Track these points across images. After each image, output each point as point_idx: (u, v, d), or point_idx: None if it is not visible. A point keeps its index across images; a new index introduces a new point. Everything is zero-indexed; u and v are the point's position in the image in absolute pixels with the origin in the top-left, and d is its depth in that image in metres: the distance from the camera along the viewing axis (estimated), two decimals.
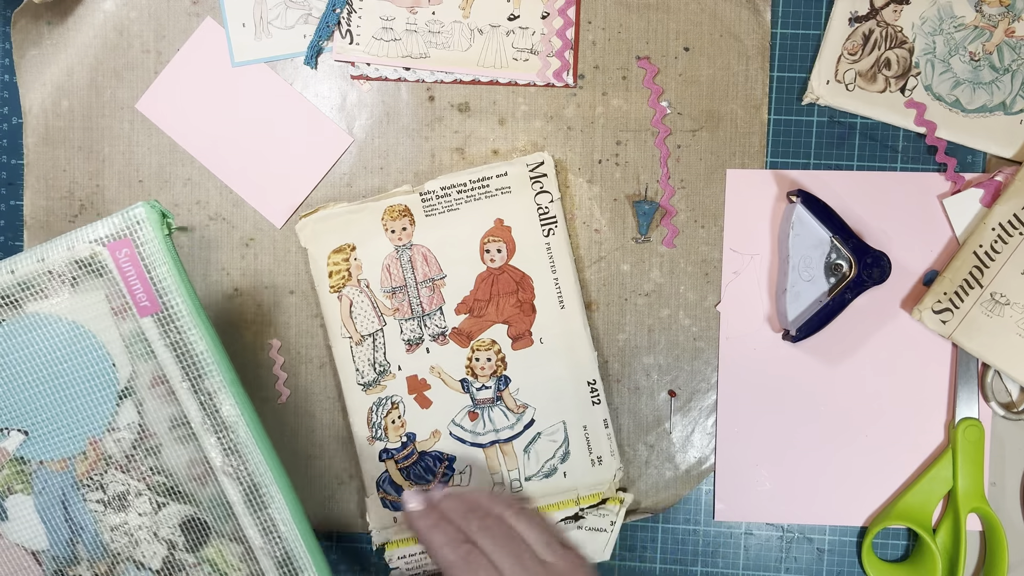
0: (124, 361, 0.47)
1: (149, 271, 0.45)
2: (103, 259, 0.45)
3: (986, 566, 0.58)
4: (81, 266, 0.45)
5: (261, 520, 0.49)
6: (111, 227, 0.45)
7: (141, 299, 0.45)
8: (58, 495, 0.49)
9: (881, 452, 0.59)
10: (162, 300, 0.46)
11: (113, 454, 0.49)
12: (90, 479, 0.49)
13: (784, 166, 0.59)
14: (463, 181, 0.58)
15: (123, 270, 0.45)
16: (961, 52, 0.57)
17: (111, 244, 0.45)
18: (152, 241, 0.45)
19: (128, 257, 0.45)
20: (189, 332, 0.46)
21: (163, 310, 0.46)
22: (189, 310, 0.46)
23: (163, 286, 0.45)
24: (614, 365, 0.60)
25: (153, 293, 0.45)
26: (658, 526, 0.61)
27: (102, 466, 0.49)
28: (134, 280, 0.45)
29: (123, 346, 0.47)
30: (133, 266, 0.45)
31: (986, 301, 0.56)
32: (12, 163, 0.61)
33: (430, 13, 0.58)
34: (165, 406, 0.48)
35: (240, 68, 0.59)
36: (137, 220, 0.45)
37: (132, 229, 0.45)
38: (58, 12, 0.59)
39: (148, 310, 0.46)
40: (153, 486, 0.49)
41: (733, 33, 0.58)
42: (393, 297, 0.58)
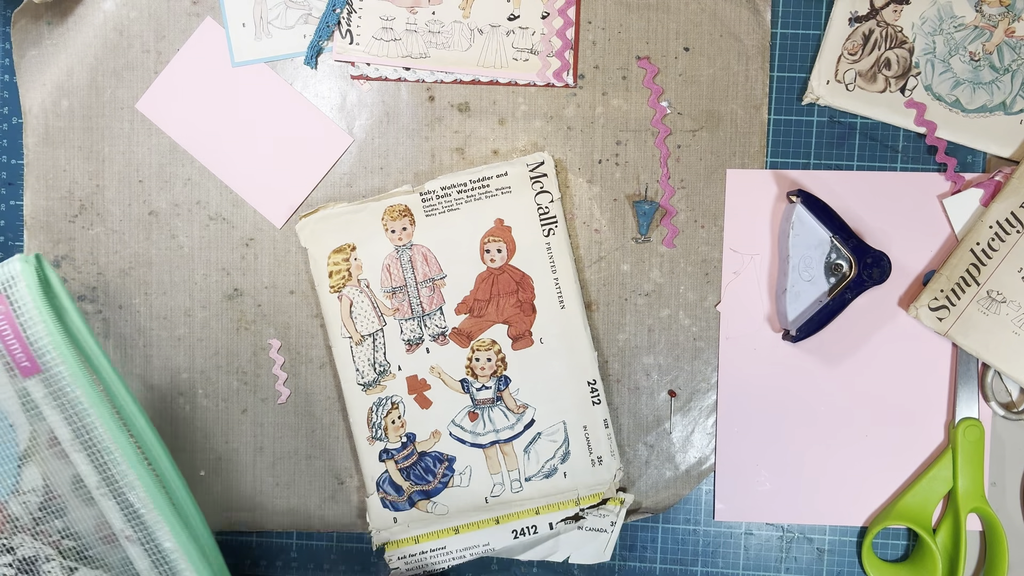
0: (22, 421, 0.44)
1: (25, 330, 0.42)
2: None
3: (986, 566, 0.58)
4: None
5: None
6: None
7: (21, 359, 0.43)
8: None
9: (881, 452, 0.59)
10: (41, 360, 0.42)
11: (20, 516, 0.46)
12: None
13: (784, 166, 0.59)
14: (463, 181, 0.58)
15: (1, 332, 0.42)
16: (961, 52, 0.57)
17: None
18: (26, 300, 0.42)
19: (4, 315, 0.42)
20: (72, 393, 0.43)
21: (44, 370, 0.43)
22: (71, 371, 0.43)
23: (40, 346, 0.42)
24: (614, 365, 0.60)
25: (31, 353, 0.42)
26: (658, 526, 0.61)
27: (9, 529, 0.46)
28: (11, 340, 0.42)
29: (19, 405, 0.44)
30: (9, 325, 0.42)
31: (983, 299, 0.56)
32: (12, 163, 0.61)
33: (430, 13, 0.58)
34: (66, 467, 0.45)
35: (240, 68, 0.59)
36: (11, 276, 0.42)
37: (6, 286, 0.42)
38: (58, 12, 0.59)
39: (29, 371, 0.43)
40: (64, 551, 0.46)
41: (733, 33, 0.58)
42: (393, 297, 0.58)
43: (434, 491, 0.59)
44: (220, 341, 0.60)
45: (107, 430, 0.44)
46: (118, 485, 0.44)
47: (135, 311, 0.60)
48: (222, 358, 0.60)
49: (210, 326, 0.60)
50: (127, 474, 0.44)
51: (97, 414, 0.43)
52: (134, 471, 0.44)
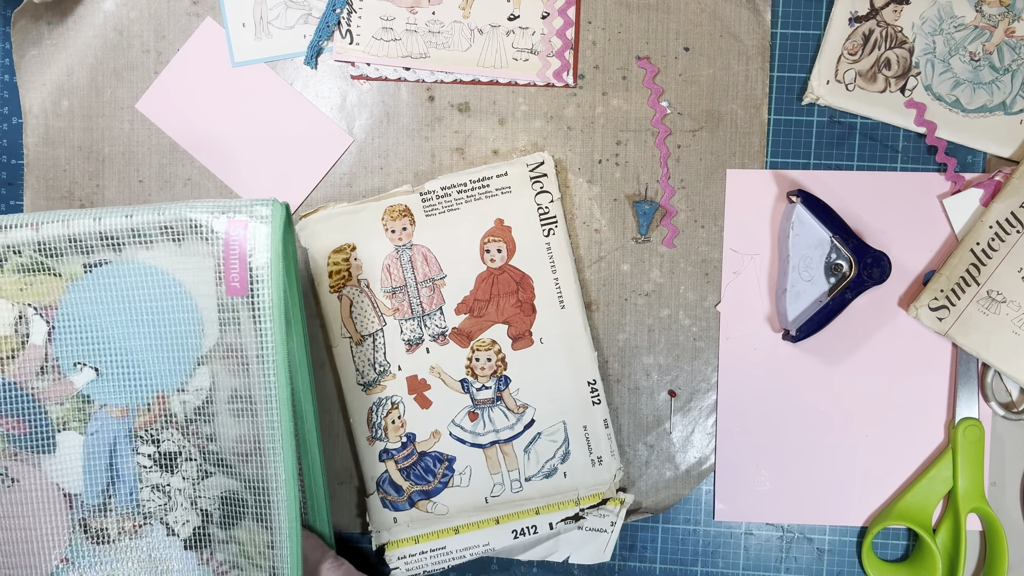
0: (213, 329, 0.48)
1: (251, 255, 0.46)
2: (217, 228, 0.47)
3: (986, 566, 0.58)
4: (192, 227, 0.47)
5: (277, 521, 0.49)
6: (237, 207, 0.47)
7: (233, 279, 0.47)
8: (108, 441, 0.49)
9: (881, 452, 0.59)
10: (252, 287, 0.46)
11: (176, 413, 0.49)
12: (146, 432, 0.49)
13: (784, 166, 0.59)
14: (463, 181, 0.58)
15: (229, 246, 0.46)
16: (961, 52, 0.57)
17: (231, 220, 0.46)
18: (263, 232, 0.46)
19: (238, 238, 0.46)
20: (264, 326, 0.47)
21: (248, 295, 0.47)
22: (271, 301, 0.46)
23: (256, 274, 0.46)
24: (614, 365, 0.60)
25: (246, 277, 0.46)
26: (658, 526, 0.61)
27: (161, 423, 0.49)
28: (234, 259, 0.47)
29: (215, 314, 0.48)
30: (239, 246, 0.46)
31: (983, 299, 0.56)
32: (12, 163, 0.61)
33: (430, 13, 0.58)
34: (230, 379, 0.48)
35: (240, 68, 0.59)
36: (264, 213, 0.47)
37: (254, 215, 0.46)
38: (58, 12, 0.59)
39: (236, 291, 0.47)
40: (205, 453, 0.49)
41: (733, 33, 0.58)
42: (393, 297, 0.58)
43: (434, 491, 0.59)
44: None
45: (277, 375, 0.47)
46: (266, 417, 0.48)
47: None
48: None
49: None
50: (272, 416, 0.47)
51: (275, 354, 0.47)
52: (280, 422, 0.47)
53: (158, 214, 0.47)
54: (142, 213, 0.47)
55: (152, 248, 0.48)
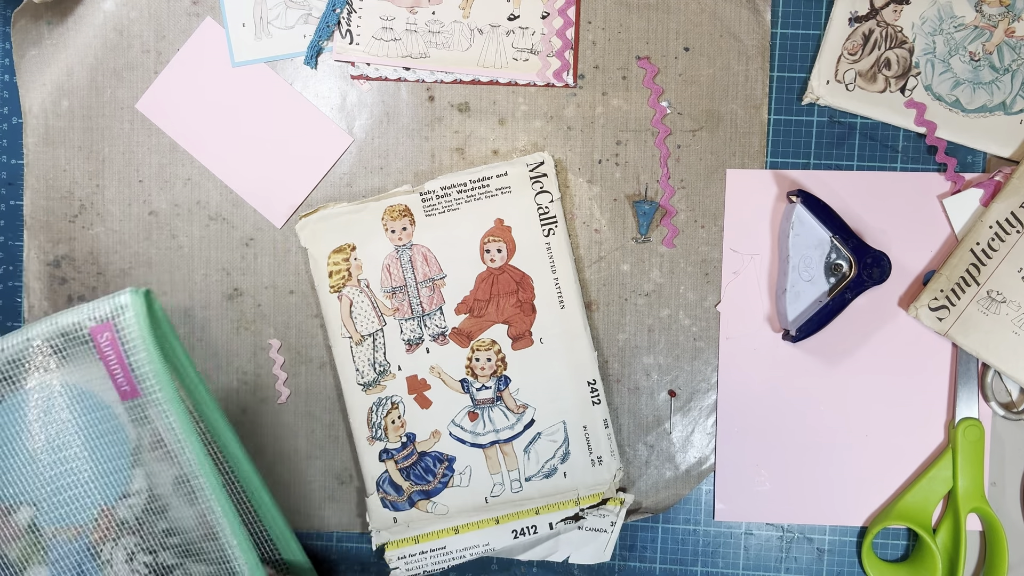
0: (130, 428, 0.47)
1: (128, 357, 0.44)
2: (87, 336, 0.45)
3: (986, 566, 0.58)
4: (69, 339, 0.45)
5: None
6: (96, 311, 0.45)
7: (122, 384, 0.45)
8: (74, 564, 0.48)
9: (881, 452, 0.59)
10: (140, 387, 0.45)
11: (126, 519, 0.48)
12: (103, 545, 0.48)
13: (784, 166, 0.59)
14: (463, 181, 0.58)
15: (104, 353, 0.45)
16: (961, 52, 0.57)
17: (94, 328, 0.44)
18: (132, 329, 0.44)
19: (110, 342, 0.44)
20: (167, 419, 0.46)
21: (143, 395, 0.45)
22: (167, 398, 0.45)
23: (140, 374, 0.45)
24: (614, 365, 0.60)
25: (132, 379, 0.45)
26: (658, 526, 0.61)
27: (115, 533, 0.48)
28: (115, 365, 0.45)
29: (126, 415, 0.47)
30: (114, 351, 0.44)
31: (983, 299, 0.56)
32: (12, 163, 0.61)
33: (430, 13, 0.58)
34: (169, 467, 0.48)
35: (240, 68, 0.59)
36: (121, 306, 0.45)
37: (115, 314, 0.44)
38: (58, 12, 0.59)
39: (128, 395, 0.45)
40: (167, 547, 0.49)
41: (733, 33, 0.58)
42: (393, 297, 0.58)
43: (434, 491, 0.59)
44: (220, 341, 0.60)
45: (195, 457, 0.47)
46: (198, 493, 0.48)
47: None
48: (222, 358, 0.60)
49: (210, 326, 0.60)
50: (207, 496, 0.47)
51: (187, 442, 0.46)
52: (213, 495, 0.47)
53: (25, 339, 0.45)
54: (11, 344, 0.45)
55: (49, 370, 0.46)
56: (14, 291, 0.61)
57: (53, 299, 0.60)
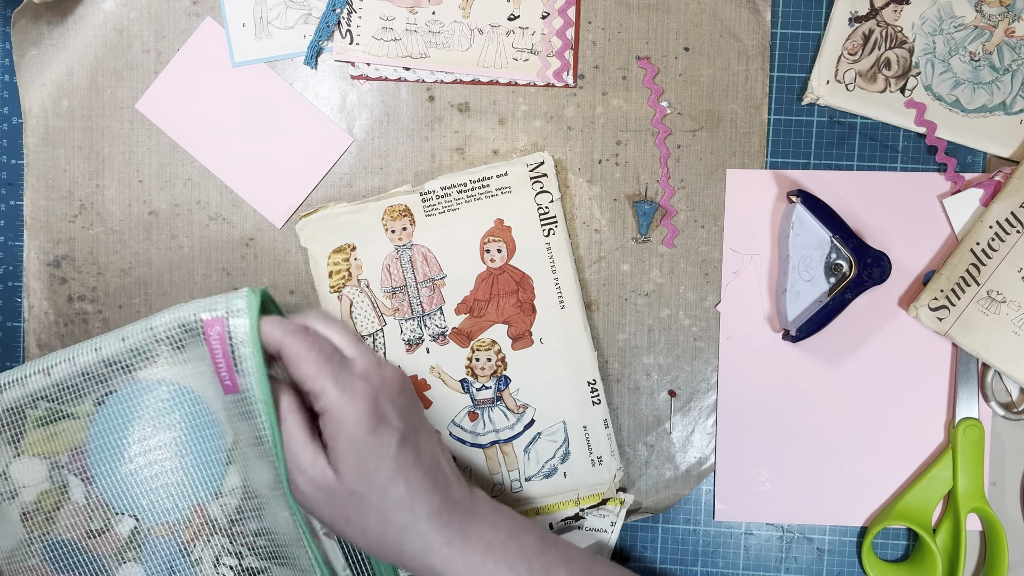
0: (226, 423, 0.48)
1: (233, 353, 0.45)
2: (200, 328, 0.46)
3: (986, 566, 0.58)
4: (186, 331, 0.46)
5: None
6: (213, 305, 0.46)
7: (224, 379, 0.46)
8: (167, 562, 0.49)
9: (881, 452, 0.59)
10: (243, 381, 0.46)
11: (217, 518, 0.49)
12: (194, 545, 0.49)
13: (784, 166, 0.59)
14: (463, 181, 0.58)
15: (212, 348, 0.46)
16: (961, 52, 0.57)
17: (207, 321, 0.45)
18: (242, 329, 0.45)
19: (219, 337, 0.45)
20: (261, 418, 0.46)
21: (240, 392, 0.46)
22: (262, 397, 0.46)
23: (242, 369, 0.46)
24: (614, 365, 0.60)
25: (235, 376, 0.46)
26: (658, 526, 0.61)
27: (207, 532, 0.49)
28: (220, 360, 0.46)
29: (223, 408, 0.48)
30: (221, 347, 0.46)
31: (983, 299, 0.56)
32: (12, 163, 0.61)
33: (430, 13, 0.58)
34: (267, 466, 0.48)
35: (240, 68, 0.59)
36: (238, 307, 0.46)
37: (230, 312, 0.45)
38: (58, 12, 0.59)
39: (230, 390, 0.46)
40: (255, 549, 0.49)
41: (733, 33, 0.58)
42: (393, 297, 0.58)
43: None
44: None
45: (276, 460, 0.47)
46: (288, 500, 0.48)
47: (135, 311, 0.60)
48: None
49: None
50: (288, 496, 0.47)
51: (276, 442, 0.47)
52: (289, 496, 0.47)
53: (148, 329, 0.46)
54: (135, 333, 0.46)
55: (157, 362, 0.47)
56: (14, 291, 0.61)
57: (53, 299, 0.60)
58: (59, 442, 0.49)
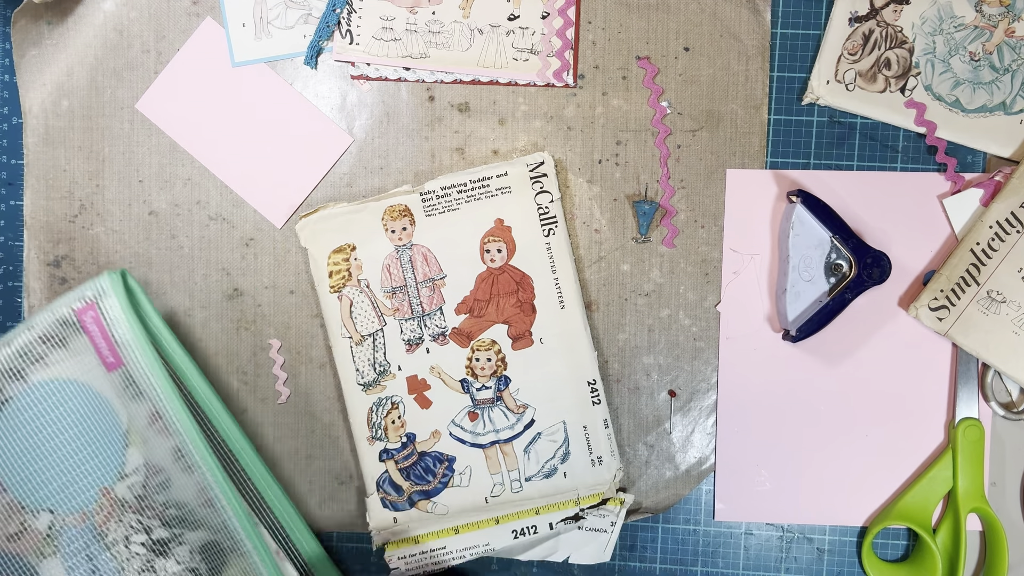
0: (120, 407, 0.51)
1: (110, 329, 0.50)
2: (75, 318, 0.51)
3: (986, 566, 0.58)
4: (65, 325, 0.50)
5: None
6: (80, 293, 0.51)
7: (107, 356, 0.51)
8: (83, 550, 0.51)
9: (881, 452, 0.59)
10: (124, 356, 0.50)
11: (126, 499, 0.52)
12: (108, 527, 0.52)
13: (784, 166, 0.59)
14: (463, 181, 0.58)
15: (89, 331, 0.50)
16: (961, 52, 0.57)
17: (80, 308, 0.50)
18: (113, 306, 0.50)
19: (94, 320, 0.50)
20: (150, 381, 0.51)
21: (125, 365, 0.50)
22: (147, 363, 0.51)
23: (123, 342, 0.50)
24: (614, 365, 0.60)
25: (116, 350, 0.50)
26: (658, 526, 0.61)
27: (118, 512, 0.52)
28: (99, 339, 0.50)
29: (115, 394, 0.51)
30: (97, 327, 0.50)
31: (983, 299, 0.56)
32: (12, 163, 0.61)
33: (430, 13, 0.58)
34: (165, 439, 0.51)
35: (240, 68, 0.59)
36: (101, 288, 0.50)
37: (98, 296, 0.50)
38: (58, 12, 0.59)
39: (113, 366, 0.51)
40: (167, 520, 0.52)
41: (733, 33, 0.58)
42: (393, 297, 0.58)
43: (434, 491, 0.59)
44: (220, 341, 0.60)
45: (177, 415, 0.51)
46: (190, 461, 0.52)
47: None
48: (222, 358, 0.60)
49: (210, 326, 0.60)
50: (193, 454, 0.52)
51: (169, 403, 0.51)
52: (197, 451, 0.51)
53: (29, 330, 0.50)
54: (17, 336, 0.50)
55: (46, 363, 0.51)
56: (14, 291, 0.61)
57: (53, 299, 0.60)
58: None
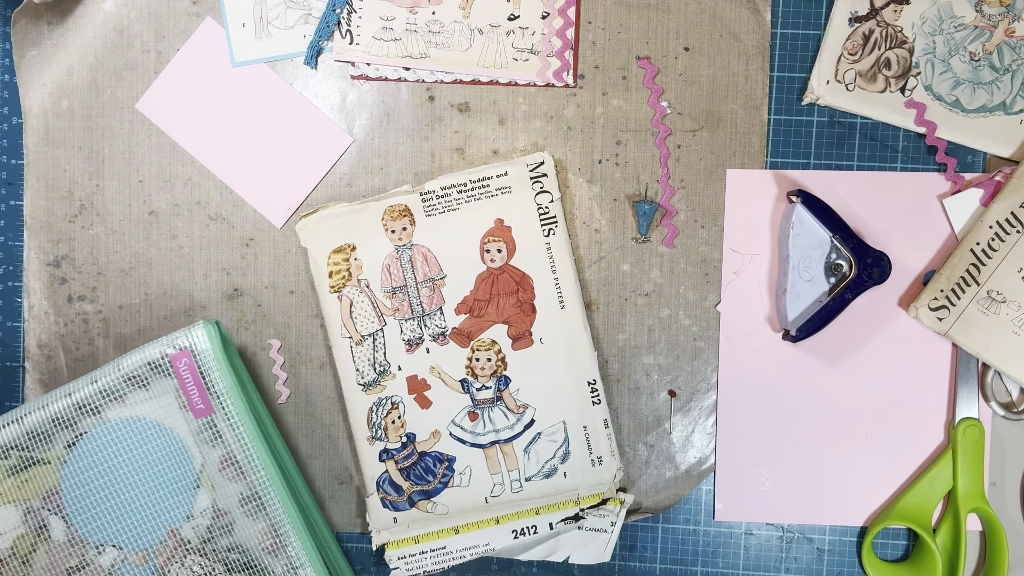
0: (196, 452, 0.53)
1: (204, 377, 0.52)
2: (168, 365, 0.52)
3: (986, 566, 0.58)
4: (152, 368, 0.52)
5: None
6: (175, 339, 0.52)
7: (196, 403, 0.52)
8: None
9: (881, 452, 0.59)
10: (216, 402, 0.52)
11: (190, 539, 0.53)
12: (169, 568, 0.53)
13: (784, 166, 0.59)
14: (463, 181, 0.58)
15: (182, 378, 0.52)
16: (961, 52, 0.57)
17: (174, 355, 0.52)
18: (207, 355, 0.52)
19: (187, 367, 0.52)
20: (239, 431, 0.52)
21: (215, 412, 0.52)
22: (239, 411, 0.52)
23: (216, 390, 0.52)
24: (614, 365, 0.60)
25: (207, 397, 0.52)
26: (658, 526, 0.61)
27: (181, 553, 0.53)
28: (191, 386, 0.52)
29: (191, 437, 0.52)
30: (191, 374, 0.52)
31: (983, 299, 0.56)
32: (12, 163, 0.61)
33: (430, 13, 0.58)
34: (233, 484, 0.53)
35: (240, 68, 0.59)
36: (196, 336, 0.52)
37: (193, 343, 0.52)
38: (58, 12, 0.59)
39: (202, 412, 0.52)
40: (228, 563, 0.53)
41: (733, 33, 0.58)
42: (393, 297, 0.58)
43: (434, 491, 0.59)
44: None
45: (261, 459, 0.53)
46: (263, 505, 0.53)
47: (135, 311, 0.60)
48: None
49: None
50: (273, 499, 0.53)
51: (257, 454, 0.52)
52: (279, 497, 0.53)
53: (117, 369, 0.52)
54: (105, 375, 0.52)
55: (126, 402, 0.52)
56: (14, 291, 0.61)
57: (53, 299, 0.60)
58: (31, 487, 0.52)
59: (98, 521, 0.52)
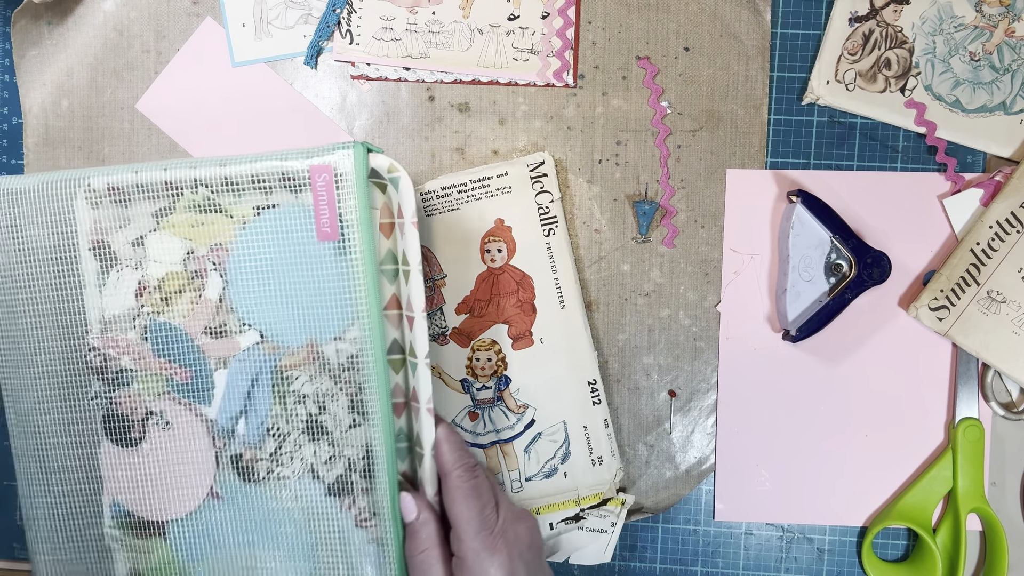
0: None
1: (339, 202, 0.47)
2: (306, 175, 0.48)
3: (986, 566, 0.58)
4: (284, 179, 0.48)
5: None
6: (319, 151, 0.48)
7: (324, 224, 0.47)
8: (251, 372, 0.49)
9: (881, 452, 0.59)
10: (342, 232, 0.47)
11: (329, 359, 0.49)
12: (291, 373, 0.49)
13: (784, 166, 0.59)
14: (463, 181, 0.58)
15: (317, 192, 0.47)
16: (961, 52, 0.57)
17: (314, 166, 0.47)
18: (348, 176, 0.47)
19: (325, 184, 0.47)
20: (356, 266, 0.47)
21: (339, 240, 0.47)
22: (364, 244, 0.47)
23: (347, 218, 0.47)
24: (614, 365, 0.60)
25: (335, 222, 0.47)
26: (658, 526, 0.61)
27: (315, 368, 0.49)
28: (323, 206, 0.47)
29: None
30: (327, 192, 0.47)
31: (983, 299, 0.56)
32: (12, 163, 0.61)
33: (430, 13, 0.58)
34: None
35: (240, 68, 0.59)
36: (343, 156, 0.47)
37: (337, 162, 0.47)
38: (58, 12, 0.59)
39: (327, 236, 0.47)
40: (354, 402, 0.49)
41: (733, 33, 0.58)
42: None
43: None
44: None
45: (372, 312, 0.48)
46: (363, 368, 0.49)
47: None
48: None
49: None
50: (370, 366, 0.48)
51: (369, 288, 0.48)
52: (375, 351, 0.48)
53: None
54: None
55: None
56: None
57: None
58: (203, 233, 0.49)
59: (253, 299, 0.48)
